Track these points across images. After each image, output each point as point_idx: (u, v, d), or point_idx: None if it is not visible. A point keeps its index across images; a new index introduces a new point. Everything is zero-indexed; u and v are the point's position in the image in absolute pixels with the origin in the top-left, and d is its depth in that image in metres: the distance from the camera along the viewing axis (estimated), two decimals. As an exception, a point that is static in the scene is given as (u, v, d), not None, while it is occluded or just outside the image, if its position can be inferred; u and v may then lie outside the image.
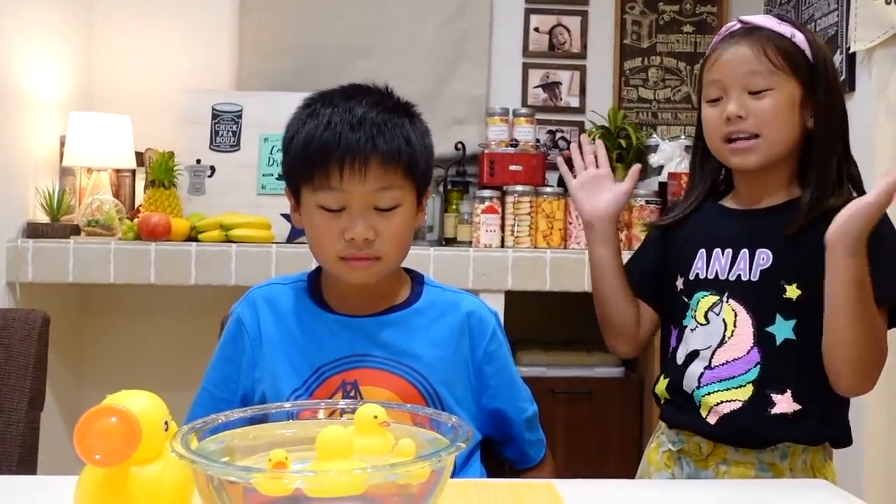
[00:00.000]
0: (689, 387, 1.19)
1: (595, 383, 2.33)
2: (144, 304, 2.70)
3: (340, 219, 1.09)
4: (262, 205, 2.49)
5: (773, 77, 1.14)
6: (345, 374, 1.13)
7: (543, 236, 2.43)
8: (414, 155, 1.12)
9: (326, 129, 1.09)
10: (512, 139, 2.59)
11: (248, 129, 2.58)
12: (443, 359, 1.15)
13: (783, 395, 1.13)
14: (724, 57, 1.17)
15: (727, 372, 1.16)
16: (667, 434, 1.25)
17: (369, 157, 1.07)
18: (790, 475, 1.14)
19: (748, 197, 1.22)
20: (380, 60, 2.78)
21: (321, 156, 1.08)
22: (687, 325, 1.22)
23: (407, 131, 1.12)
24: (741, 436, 1.14)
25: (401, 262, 1.19)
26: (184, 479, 0.73)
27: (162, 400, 0.75)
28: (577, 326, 2.56)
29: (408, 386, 1.13)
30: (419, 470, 0.68)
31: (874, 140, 2.06)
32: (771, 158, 1.16)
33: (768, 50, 1.14)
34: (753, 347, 1.14)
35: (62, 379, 2.45)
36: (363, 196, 1.08)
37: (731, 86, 1.16)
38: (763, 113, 1.14)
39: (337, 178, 1.07)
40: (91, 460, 0.66)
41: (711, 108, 1.19)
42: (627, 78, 2.89)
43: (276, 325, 1.16)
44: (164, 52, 2.75)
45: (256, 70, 2.77)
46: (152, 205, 2.38)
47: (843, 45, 2.17)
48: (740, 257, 1.17)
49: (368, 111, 1.10)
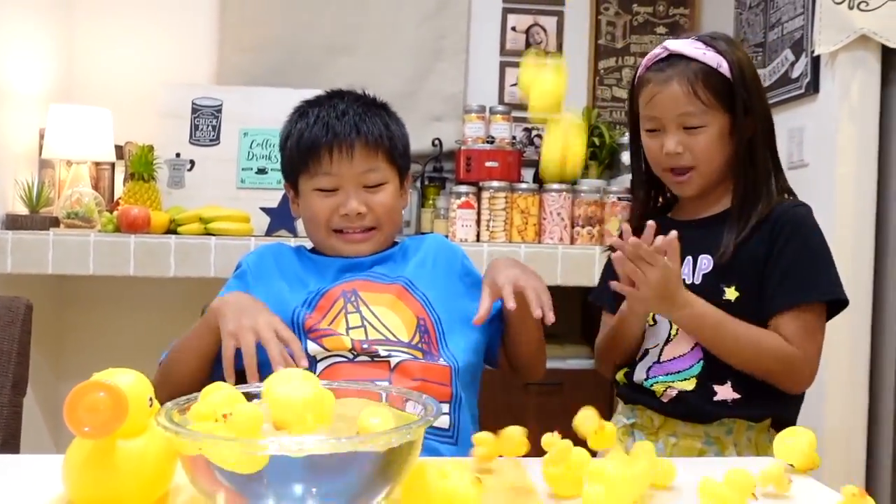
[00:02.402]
0: (639, 379, 1.29)
1: (567, 375, 2.38)
2: (124, 297, 2.72)
3: (335, 197, 1.27)
4: (241, 198, 2.52)
5: (705, 116, 1.24)
6: (343, 285, 1.25)
7: (518, 231, 2.48)
8: (393, 140, 1.30)
9: (316, 122, 1.27)
10: (488, 136, 2.64)
11: (228, 123, 2.61)
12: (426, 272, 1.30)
13: (724, 386, 1.23)
14: (659, 96, 1.26)
15: (674, 366, 1.26)
16: (623, 411, 1.35)
17: (354, 142, 1.25)
18: (734, 450, 1.23)
19: (689, 211, 1.34)
20: (359, 57, 2.82)
21: (313, 145, 1.26)
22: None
23: (385, 120, 1.30)
24: (688, 412, 1.24)
25: (395, 234, 1.34)
26: (167, 453, 0.77)
27: (146, 378, 0.79)
28: (550, 320, 2.62)
29: (402, 290, 1.26)
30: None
31: (836, 141, 2.13)
32: (707, 186, 1.29)
33: (698, 90, 1.23)
34: (697, 345, 1.23)
35: (41, 369, 2.46)
36: (352, 177, 1.26)
37: (667, 123, 1.26)
38: (698, 150, 1.25)
39: (328, 161, 1.25)
40: (80, 432, 0.70)
41: (652, 140, 1.30)
42: (602, 77, 2.95)
43: (278, 265, 1.31)
44: (145, 46, 2.77)
45: (237, 65, 2.80)
46: (132, 198, 2.40)
47: (808, 48, 2.24)
48: (685, 263, 1.26)
49: (350, 105, 1.29)
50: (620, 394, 1.36)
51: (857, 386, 2.10)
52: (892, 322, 2.09)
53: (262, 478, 0.70)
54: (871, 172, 2.12)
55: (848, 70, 2.13)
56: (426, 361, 1.20)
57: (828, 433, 2.08)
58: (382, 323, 1.23)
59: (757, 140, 1.27)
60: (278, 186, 2.56)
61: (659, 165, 1.30)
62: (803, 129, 2.29)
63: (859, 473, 2.09)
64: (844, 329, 2.08)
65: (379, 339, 1.21)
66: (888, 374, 2.09)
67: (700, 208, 1.32)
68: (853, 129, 2.12)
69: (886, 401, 2.09)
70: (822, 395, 2.08)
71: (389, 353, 1.19)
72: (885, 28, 2.06)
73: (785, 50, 2.38)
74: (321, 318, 1.22)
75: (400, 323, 1.23)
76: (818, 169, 2.21)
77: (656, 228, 1.17)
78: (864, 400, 2.10)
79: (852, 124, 2.12)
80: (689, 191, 1.29)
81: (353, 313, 1.22)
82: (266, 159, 2.59)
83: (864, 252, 2.11)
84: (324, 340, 1.20)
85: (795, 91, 2.32)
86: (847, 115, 2.12)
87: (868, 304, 2.10)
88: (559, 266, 2.31)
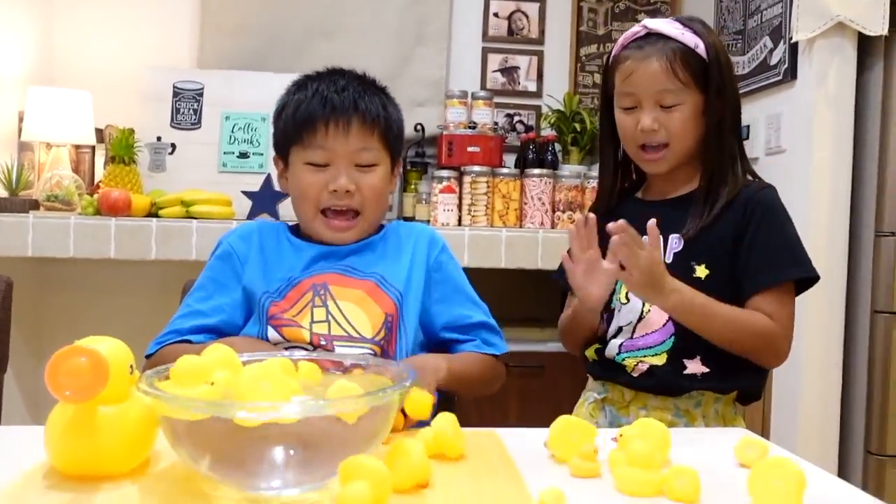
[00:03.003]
0: (611, 354, 1.31)
1: (547, 358, 2.40)
2: (104, 279, 2.71)
3: (325, 173, 1.24)
4: (222, 182, 2.52)
5: (681, 94, 1.27)
6: (314, 277, 1.24)
7: (500, 216, 2.50)
8: (390, 121, 1.28)
9: (315, 95, 1.24)
10: (470, 121, 2.65)
11: (210, 107, 2.60)
12: (403, 266, 1.28)
13: (693, 360, 1.26)
14: (637, 73, 1.27)
15: (646, 342, 1.28)
16: (593, 387, 1.37)
17: (352, 118, 1.23)
18: (702, 422, 1.26)
19: (659, 191, 1.36)
20: (341, 42, 2.82)
21: (309, 116, 1.23)
22: (614, 306, 1.33)
23: (384, 101, 1.29)
24: (659, 386, 1.27)
25: (379, 219, 1.32)
26: (148, 419, 0.78)
27: (127, 346, 0.80)
28: (530, 304, 2.65)
29: (374, 287, 1.24)
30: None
31: (813, 127, 2.16)
32: (677, 164, 1.31)
33: (677, 68, 1.26)
34: (668, 321, 1.26)
35: (21, 353, 2.45)
36: (346, 153, 1.24)
37: (644, 99, 1.28)
38: (673, 126, 1.27)
39: (323, 134, 1.23)
40: (62, 396, 0.71)
41: (626, 116, 1.31)
42: (583, 64, 2.97)
43: (258, 247, 1.29)
44: (126, 29, 2.75)
45: (218, 49, 2.78)
46: (112, 181, 2.39)
47: (787, 35, 2.27)
48: None
49: (350, 82, 1.27)
50: (591, 371, 1.38)
51: (831, 364, 2.14)
52: (865, 302, 2.14)
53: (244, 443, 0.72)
54: (847, 158, 2.16)
55: (825, 57, 2.15)
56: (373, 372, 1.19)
57: (802, 407, 2.13)
58: (347, 319, 1.22)
59: (725, 123, 1.29)
60: (260, 170, 2.56)
61: (632, 142, 1.31)
62: (781, 116, 2.32)
63: (832, 445, 2.14)
64: (821, 309, 2.12)
65: (341, 335, 1.21)
66: (861, 351, 2.14)
67: (668, 189, 1.34)
68: (830, 115, 2.15)
69: (860, 377, 2.14)
70: (798, 371, 2.12)
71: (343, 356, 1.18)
72: (861, 15, 2.09)
73: (764, 37, 2.41)
74: (289, 306, 1.22)
75: (366, 320, 1.22)
76: (795, 155, 2.24)
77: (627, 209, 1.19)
78: (837, 377, 2.14)
79: (829, 110, 2.15)
80: (660, 168, 1.31)
81: (319, 307, 1.22)
82: (248, 143, 2.58)
83: (839, 236, 2.15)
84: (284, 330, 1.20)
85: (774, 78, 2.34)
86: (824, 102, 2.15)
87: (843, 285, 2.14)
88: (540, 250, 2.32)
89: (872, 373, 2.10)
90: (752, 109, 2.43)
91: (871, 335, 2.11)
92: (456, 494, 0.76)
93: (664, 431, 0.89)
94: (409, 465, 0.76)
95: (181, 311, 1.27)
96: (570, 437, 0.89)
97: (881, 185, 2.11)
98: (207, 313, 1.24)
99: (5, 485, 0.75)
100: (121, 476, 0.77)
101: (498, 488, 0.78)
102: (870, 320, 2.11)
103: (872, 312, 2.11)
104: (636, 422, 0.92)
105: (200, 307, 1.25)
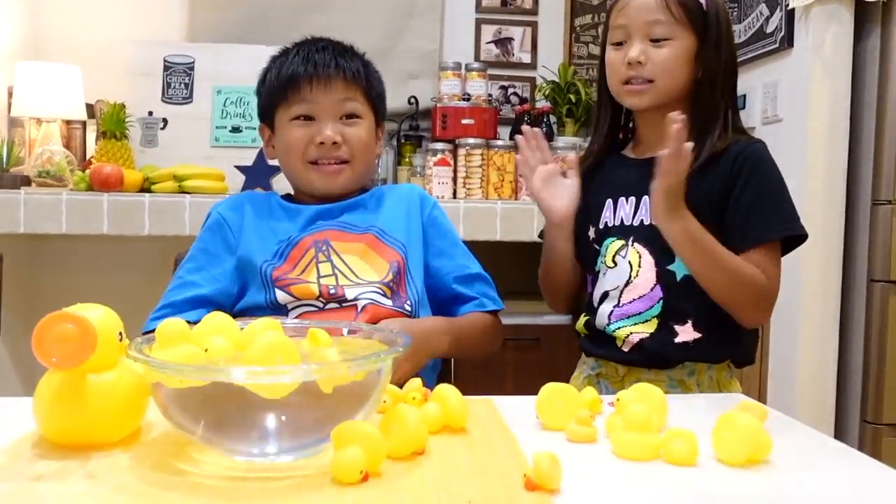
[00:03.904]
0: (601, 324, 1.29)
1: (543, 330, 2.40)
2: (97, 255, 2.70)
3: (311, 127, 1.28)
4: (215, 157, 2.50)
5: (672, 28, 1.24)
6: (315, 235, 1.26)
7: (494, 188, 2.48)
8: (371, 80, 1.32)
9: (296, 56, 1.29)
10: (464, 93, 2.62)
11: (201, 81, 2.58)
12: (400, 220, 1.31)
13: (684, 326, 1.24)
14: (631, 4, 1.25)
15: (634, 308, 1.26)
16: (587, 362, 1.36)
17: (332, 73, 1.27)
18: (698, 390, 1.25)
19: (647, 146, 1.32)
20: (333, 14, 2.78)
21: (293, 75, 1.28)
22: (599, 269, 1.32)
23: (365, 62, 1.34)
24: (650, 360, 1.25)
25: (367, 173, 1.35)
26: (138, 387, 0.77)
27: (116, 313, 0.79)
28: (526, 276, 2.63)
29: (374, 239, 1.27)
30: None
31: (810, 95, 2.14)
32: (661, 101, 1.26)
33: (671, 2, 1.23)
34: (656, 285, 1.25)
35: (14, 328, 2.44)
36: (329, 105, 1.28)
37: (634, 32, 1.25)
38: (660, 61, 1.24)
39: (307, 89, 1.27)
40: (49, 363, 0.70)
41: (615, 52, 1.28)
42: (578, 35, 2.94)
43: (251, 214, 1.30)
44: (115, 2, 2.72)
45: (208, 22, 2.75)
46: (104, 156, 2.37)
47: (783, 3, 2.24)
48: (642, 203, 1.27)
49: (330, 44, 1.32)
50: (583, 347, 1.36)
51: (828, 333, 2.14)
52: (861, 270, 2.13)
53: (236, 410, 0.71)
54: (844, 126, 2.14)
55: (822, 24, 2.13)
56: (393, 307, 1.22)
57: (799, 376, 2.13)
58: (353, 271, 1.24)
59: (718, 77, 1.26)
60: (253, 145, 2.54)
61: (616, 77, 1.28)
62: (777, 84, 2.30)
63: (829, 415, 2.14)
64: (817, 278, 2.12)
65: (349, 284, 1.23)
66: (858, 319, 2.13)
67: (656, 143, 1.28)
68: (826, 83, 2.13)
69: (856, 346, 2.14)
70: (795, 340, 2.12)
71: (356, 297, 1.20)
72: (859, -19, 2.07)
73: (760, 4, 2.38)
74: (292, 267, 1.23)
75: (371, 270, 1.25)
76: (792, 123, 2.23)
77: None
78: (834, 345, 2.14)
79: (826, 78, 2.13)
80: (642, 102, 1.27)
81: (324, 262, 1.24)
82: (240, 117, 2.56)
83: (836, 204, 2.14)
84: (292, 289, 1.21)
85: (770, 46, 2.32)
86: (820, 69, 2.13)
87: (839, 254, 2.14)
88: (535, 222, 2.31)
89: (869, 342, 2.10)
90: (749, 78, 2.41)
91: (868, 304, 2.10)
92: (452, 461, 0.76)
93: (661, 396, 0.89)
94: (405, 431, 0.75)
95: (174, 283, 1.26)
96: (558, 404, 0.88)
97: (878, 153, 2.10)
98: (200, 283, 1.24)
99: (-5, 454, 0.74)
100: (111, 445, 0.76)
101: (494, 455, 0.78)
102: (866, 289, 2.11)
103: (869, 281, 2.10)
104: (633, 386, 0.91)
105: (193, 278, 1.24)
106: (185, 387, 0.69)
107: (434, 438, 0.81)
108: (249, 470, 0.72)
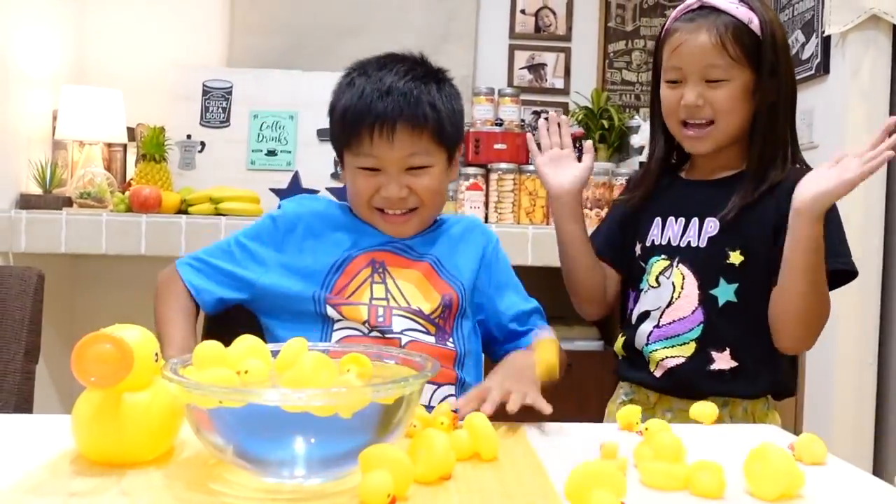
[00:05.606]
0: (640, 344, 1.28)
1: (575, 356, 2.38)
2: (135, 275, 2.74)
3: (377, 178, 1.22)
4: (251, 180, 2.54)
5: (730, 70, 1.21)
6: (374, 253, 1.25)
7: (526, 213, 2.49)
8: (440, 120, 1.21)
9: (359, 99, 1.20)
10: (497, 118, 2.64)
11: (238, 105, 2.63)
12: (458, 255, 1.29)
13: (722, 353, 1.22)
14: (686, 45, 1.23)
15: (673, 330, 1.25)
16: (623, 387, 1.35)
17: (396, 124, 1.18)
18: (730, 422, 1.22)
19: (702, 170, 1.31)
20: (368, 39, 2.82)
21: (354, 124, 1.20)
22: (643, 287, 1.31)
23: (433, 98, 1.22)
24: (681, 388, 1.24)
25: (437, 213, 1.31)
26: (172, 407, 0.79)
27: (152, 334, 0.81)
28: (558, 301, 2.62)
29: (430, 269, 1.25)
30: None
31: (846, 122, 2.12)
32: (722, 144, 1.25)
33: (727, 42, 1.20)
34: (698, 308, 1.24)
35: (54, 347, 2.49)
36: (393, 160, 1.20)
37: (690, 74, 1.23)
38: (718, 103, 1.22)
39: (368, 143, 1.19)
40: (87, 382, 0.72)
41: (671, 90, 1.26)
42: (611, 60, 2.95)
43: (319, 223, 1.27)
44: (156, 28, 2.78)
45: (247, 47, 2.81)
46: (143, 178, 2.42)
47: (819, 29, 2.23)
48: (691, 225, 1.26)
49: (397, 81, 1.21)
50: (618, 371, 1.36)
51: (866, 362, 2.10)
52: (901, 302, 2.09)
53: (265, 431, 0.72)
54: (881, 153, 2.11)
55: (858, 50, 2.12)
56: (435, 344, 1.21)
57: (837, 406, 2.09)
58: (405, 298, 1.22)
59: (779, 106, 1.24)
60: (288, 168, 2.58)
61: (674, 117, 1.26)
62: (813, 111, 2.29)
63: (867, 446, 2.09)
64: (855, 306, 2.09)
65: (398, 310, 1.21)
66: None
67: (712, 170, 1.29)
68: (863, 109, 2.11)
69: (895, 375, 2.09)
70: (833, 369, 2.08)
71: (402, 331, 1.20)
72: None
73: (796, 31, 2.37)
74: (347, 282, 1.22)
75: (423, 300, 1.23)
76: (828, 150, 2.21)
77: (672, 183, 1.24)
78: (872, 375, 2.10)
79: (862, 104, 2.12)
80: (703, 147, 1.25)
81: (378, 283, 1.22)
82: (276, 141, 2.60)
83: (874, 232, 2.11)
84: (342, 308, 1.20)
85: (806, 72, 2.31)
86: (857, 96, 2.12)
87: (878, 282, 2.11)
88: (567, 247, 2.31)
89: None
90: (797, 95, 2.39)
91: (907, 333, 2.07)
92: (479, 487, 0.76)
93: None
94: (433, 456, 0.76)
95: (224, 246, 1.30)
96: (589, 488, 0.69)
97: (917, 180, 2.07)
98: (243, 265, 1.26)
99: (33, 470, 0.76)
100: (146, 463, 0.77)
101: (522, 483, 0.78)
102: (905, 317, 2.07)
103: (908, 310, 2.07)
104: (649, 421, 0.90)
105: (232, 269, 1.27)
106: (217, 407, 0.70)
107: (462, 464, 0.81)
108: (278, 492, 0.73)
